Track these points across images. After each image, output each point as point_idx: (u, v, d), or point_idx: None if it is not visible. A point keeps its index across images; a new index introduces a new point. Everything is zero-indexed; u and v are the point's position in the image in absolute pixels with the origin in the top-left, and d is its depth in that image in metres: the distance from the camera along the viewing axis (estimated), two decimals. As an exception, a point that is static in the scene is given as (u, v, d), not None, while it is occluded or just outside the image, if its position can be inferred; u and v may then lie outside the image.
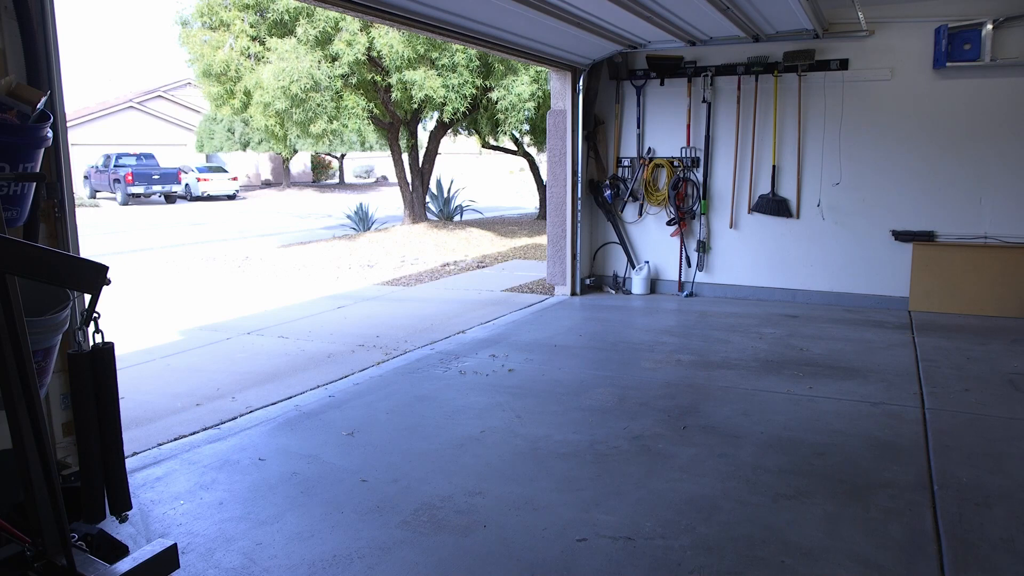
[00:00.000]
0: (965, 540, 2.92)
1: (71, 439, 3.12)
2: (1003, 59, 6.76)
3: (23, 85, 2.69)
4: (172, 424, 4.56)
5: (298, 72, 12.29)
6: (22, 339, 1.92)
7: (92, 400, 2.20)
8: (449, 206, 17.62)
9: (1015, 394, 4.74)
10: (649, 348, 6.01)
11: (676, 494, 3.36)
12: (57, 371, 2.99)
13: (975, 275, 7.10)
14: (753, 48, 7.65)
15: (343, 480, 3.56)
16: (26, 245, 1.99)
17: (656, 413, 4.45)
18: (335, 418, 4.47)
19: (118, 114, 36.57)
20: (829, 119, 7.52)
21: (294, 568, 2.78)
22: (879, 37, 7.20)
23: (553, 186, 8.42)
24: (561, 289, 8.57)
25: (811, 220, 7.74)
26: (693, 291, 8.34)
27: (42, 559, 2.00)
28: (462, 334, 6.71)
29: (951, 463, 3.67)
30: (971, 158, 7.07)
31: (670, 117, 8.19)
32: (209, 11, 13.20)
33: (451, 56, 12.47)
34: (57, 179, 3.03)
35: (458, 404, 4.69)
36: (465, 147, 34.53)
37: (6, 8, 2.83)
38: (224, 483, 3.56)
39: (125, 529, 3.02)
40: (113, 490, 2.28)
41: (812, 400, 4.67)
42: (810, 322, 6.92)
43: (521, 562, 2.80)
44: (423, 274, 10.81)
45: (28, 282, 2.15)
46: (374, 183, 42.05)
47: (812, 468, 3.63)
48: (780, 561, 2.78)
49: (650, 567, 2.76)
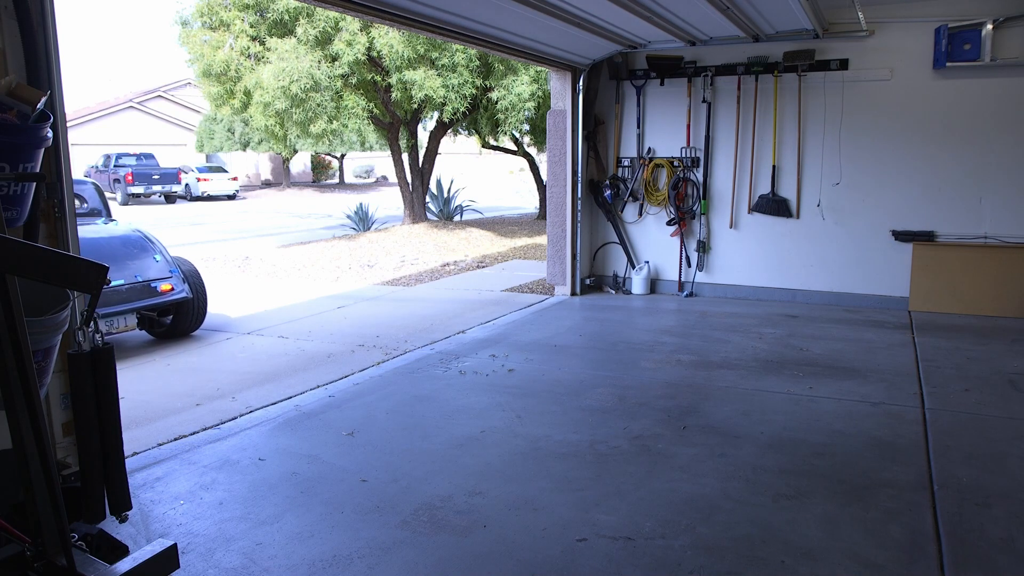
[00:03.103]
0: (965, 540, 2.92)
1: (71, 439, 3.12)
2: (1003, 59, 6.76)
3: (23, 85, 2.69)
4: (172, 424, 4.56)
5: (298, 72, 12.29)
6: (22, 339, 1.92)
7: (92, 400, 2.20)
8: (449, 206, 17.62)
9: (1015, 394, 4.74)
10: (649, 348, 6.01)
11: (676, 494, 3.36)
12: (57, 371, 2.99)
13: (975, 275, 7.10)
14: (753, 48, 7.65)
15: (343, 480, 3.56)
16: (26, 245, 1.99)
17: (656, 413, 4.45)
18: (335, 418, 4.47)
19: (118, 114, 36.58)
20: (829, 119, 7.52)
21: (294, 568, 2.78)
22: (879, 37, 7.20)
23: (553, 186, 8.42)
24: (561, 289, 8.57)
25: (811, 220, 7.74)
26: (693, 291, 8.34)
27: (42, 559, 2.00)
28: (462, 334, 6.71)
29: (951, 463, 3.67)
30: (971, 158, 7.07)
31: (670, 117, 8.19)
32: (209, 11, 13.20)
33: (451, 56, 12.47)
34: (57, 179, 3.03)
35: (458, 404, 4.69)
36: (465, 147, 34.54)
37: (6, 8, 2.82)
38: (224, 483, 3.56)
39: (125, 529, 3.02)
40: (113, 490, 2.27)
41: (812, 400, 4.67)
42: (810, 322, 6.92)
43: (521, 562, 2.80)
44: (423, 274, 10.81)
45: (28, 282, 2.15)
46: (374, 183, 42.04)
47: (812, 468, 3.63)
48: (780, 561, 2.78)
49: (650, 567, 2.76)
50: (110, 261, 5.98)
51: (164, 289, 6.51)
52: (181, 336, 7.04)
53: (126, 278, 6.31)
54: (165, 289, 6.51)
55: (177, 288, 6.61)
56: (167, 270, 6.64)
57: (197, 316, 7.00)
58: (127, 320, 6.33)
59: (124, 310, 6.23)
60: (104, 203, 7.42)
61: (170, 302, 6.59)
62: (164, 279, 6.55)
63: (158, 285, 6.49)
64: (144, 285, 6.41)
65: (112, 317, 6.13)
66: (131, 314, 6.34)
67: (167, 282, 6.55)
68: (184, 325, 6.97)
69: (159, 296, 6.48)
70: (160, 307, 6.61)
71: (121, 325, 6.28)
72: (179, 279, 6.67)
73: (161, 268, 6.62)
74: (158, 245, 6.86)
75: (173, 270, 6.68)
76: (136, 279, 6.38)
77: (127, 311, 6.27)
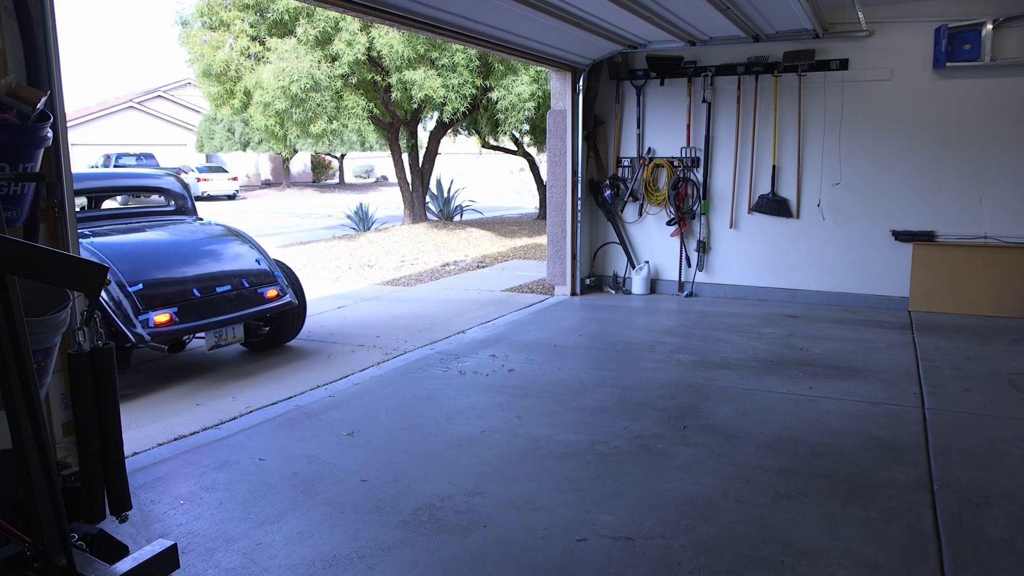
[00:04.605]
0: (965, 540, 2.92)
1: (71, 439, 3.12)
2: (1003, 59, 6.76)
3: (23, 85, 2.69)
4: (173, 424, 4.56)
5: (298, 72, 12.29)
6: (22, 339, 1.92)
7: (92, 400, 2.20)
8: (449, 206, 17.61)
9: (1015, 394, 4.74)
10: (649, 348, 6.01)
11: (676, 494, 3.36)
12: (57, 371, 2.99)
13: (975, 275, 7.10)
14: (753, 48, 7.65)
15: (343, 480, 3.56)
16: (26, 245, 1.99)
17: (656, 413, 4.45)
18: (335, 418, 4.47)
19: (118, 114, 36.57)
20: (829, 119, 7.52)
21: (294, 568, 2.78)
22: (879, 37, 7.20)
23: (553, 186, 8.42)
24: (561, 289, 8.57)
25: (811, 220, 7.74)
26: (693, 291, 8.34)
27: (42, 559, 2.00)
28: (462, 334, 6.71)
29: (951, 463, 3.67)
30: (971, 158, 7.07)
31: (670, 117, 8.19)
32: (209, 11, 13.20)
33: (451, 56, 12.47)
34: (57, 179, 3.03)
35: (458, 404, 4.69)
36: (465, 147, 34.52)
37: (6, 8, 2.82)
38: (224, 483, 3.56)
39: (125, 529, 3.02)
40: (113, 490, 2.27)
41: (812, 400, 4.67)
42: (810, 322, 6.92)
43: (521, 562, 2.80)
44: (423, 274, 10.81)
45: (28, 282, 2.15)
46: (374, 183, 42.03)
47: (812, 468, 3.63)
48: (780, 561, 2.78)
49: (650, 567, 2.76)
50: (215, 265, 5.76)
51: (270, 295, 5.84)
52: (277, 347, 6.38)
53: (232, 284, 5.65)
54: (271, 295, 5.84)
55: (283, 294, 5.94)
56: (272, 274, 5.99)
57: (297, 325, 6.35)
58: (235, 331, 5.59)
59: (233, 319, 5.51)
60: (191, 200, 6.81)
61: (277, 309, 5.87)
62: (270, 284, 5.90)
63: (264, 291, 5.82)
64: (251, 291, 5.73)
65: (221, 328, 5.44)
66: (239, 324, 5.62)
67: (273, 287, 5.89)
68: (285, 334, 6.32)
69: (266, 303, 5.78)
70: (267, 315, 5.87)
71: (230, 336, 5.55)
72: (284, 284, 6.03)
73: (264, 271, 5.95)
74: (257, 245, 6.23)
75: (277, 273, 6.04)
76: (244, 285, 5.71)
77: (235, 320, 5.54)
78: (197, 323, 5.29)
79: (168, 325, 5.11)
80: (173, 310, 5.18)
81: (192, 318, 5.27)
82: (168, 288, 5.30)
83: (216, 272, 5.70)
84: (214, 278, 5.61)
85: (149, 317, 5.03)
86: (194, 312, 5.31)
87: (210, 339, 5.45)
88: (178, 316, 5.18)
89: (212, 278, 5.60)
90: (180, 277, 5.46)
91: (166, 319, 5.11)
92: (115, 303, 4.96)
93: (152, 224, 6.31)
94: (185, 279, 5.46)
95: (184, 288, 5.38)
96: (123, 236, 5.78)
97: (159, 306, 5.13)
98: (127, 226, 6.09)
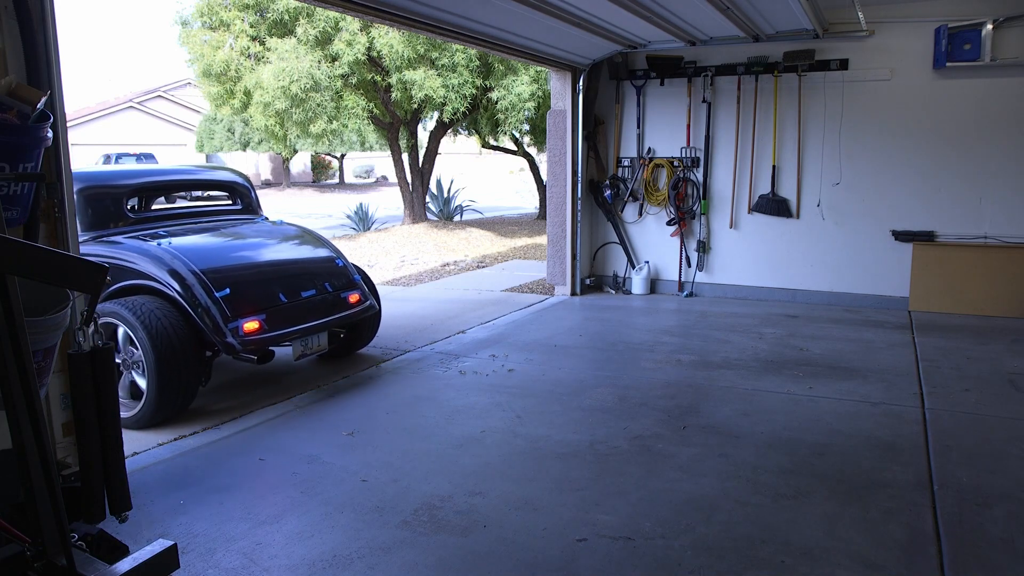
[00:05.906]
0: (965, 540, 2.92)
1: (71, 439, 3.12)
2: (1003, 59, 6.76)
3: (23, 85, 2.69)
4: (172, 423, 4.55)
5: (298, 72, 12.29)
6: (22, 339, 1.92)
7: (92, 400, 2.20)
8: (449, 206, 17.61)
9: (1015, 394, 4.74)
10: (649, 348, 6.01)
11: (676, 494, 3.36)
12: (57, 371, 2.99)
13: (975, 275, 7.10)
14: (753, 48, 7.65)
15: (343, 480, 3.56)
16: (26, 245, 1.99)
17: (656, 413, 4.45)
18: (335, 418, 4.47)
19: (118, 114, 36.55)
20: (829, 119, 7.52)
21: (294, 568, 2.78)
22: (879, 37, 7.20)
23: (553, 186, 8.42)
24: (561, 289, 8.57)
25: (811, 220, 7.74)
26: (693, 291, 8.34)
27: (42, 559, 2.00)
28: (462, 334, 6.71)
29: (951, 463, 3.67)
30: (971, 158, 7.07)
31: (670, 117, 8.19)
32: (209, 11, 13.20)
33: (451, 56, 12.46)
34: (57, 179, 3.03)
35: (458, 404, 4.69)
36: (465, 147, 34.51)
37: (6, 8, 2.83)
38: (224, 483, 3.55)
39: (125, 529, 3.02)
40: (113, 490, 2.27)
41: (812, 400, 4.67)
42: (810, 322, 6.92)
43: (521, 562, 2.80)
44: (423, 274, 10.81)
45: (28, 282, 2.15)
46: (374, 183, 42.02)
47: (812, 468, 3.63)
48: (780, 561, 2.78)
49: (650, 567, 2.76)
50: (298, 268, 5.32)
51: (353, 300, 5.41)
52: (350, 354, 5.99)
53: (317, 288, 5.21)
54: (354, 300, 5.42)
55: (365, 299, 5.54)
56: (352, 277, 5.56)
57: (373, 331, 5.96)
58: (320, 339, 5.16)
59: (318, 325, 5.05)
60: (256, 198, 6.44)
61: (360, 315, 5.46)
62: (352, 288, 5.47)
63: (347, 295, 5.39)
64: (335, 296, 5.30)
65: (308, 336, 5.01)
66: (324, 331, 5.16)
67: (355, 292, 5.47)
68: (362, 341, 5.94)
69: (350, 308, 5.37)
70: (350, 321, 5.44)
71: (315, 345, 5.12)
72: (364, 288, 5.64)
73: (345, 275, 5.52)
74: (333, 247, 5.82)
75: (356, 277, 5.61)
76: (327, 289, 5.28)
77: (321, 327, 5.08)
78: (286, 331, 4.82)
79: (258, 333, 4.65)
80: (262, 317, 4.72)
81: (280, 325, 4.81)
82: (256, 293, 4.84)
83: (301, 276, 5.26)
84: (299, 282, 5.15)
85: (239, 325, 4.58)
86: (281, 319, 4.84)
87: (297, 348, 4.98)
88: (267, 324, 4.72)
89: (298, 282, 5.14)
90: (266, 281, 5.01)
91: (255, 327, 4.65)
92: (203, 309, 4.52)
93: (225, 224, 5.78)
94: (271, 283, 4.99)
95: (271, 293, 4.91)
96: (201, 237, 5.28)
97: (248, 313, 4.66)
98: (200, 226, 5.57)
